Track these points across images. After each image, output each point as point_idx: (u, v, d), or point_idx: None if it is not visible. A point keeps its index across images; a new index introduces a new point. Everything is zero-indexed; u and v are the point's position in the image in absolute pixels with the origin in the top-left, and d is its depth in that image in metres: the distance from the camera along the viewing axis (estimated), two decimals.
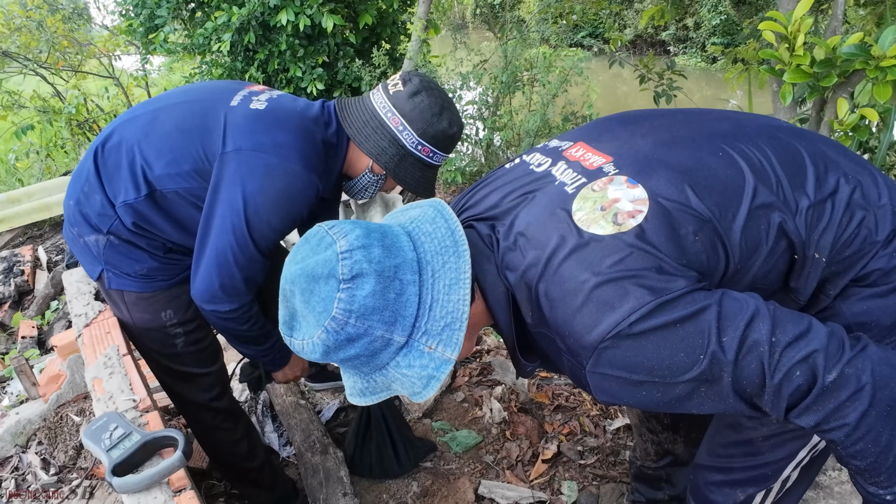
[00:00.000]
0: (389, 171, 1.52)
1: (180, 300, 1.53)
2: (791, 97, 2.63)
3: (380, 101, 1.49)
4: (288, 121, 1.41)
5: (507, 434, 2.23)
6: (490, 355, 2.65)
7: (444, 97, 1.51)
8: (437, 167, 1.59)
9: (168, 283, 1.51)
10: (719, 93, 10.80)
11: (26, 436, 1.98)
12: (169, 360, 1.60)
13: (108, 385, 1.18)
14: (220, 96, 1.46)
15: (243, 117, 1.39)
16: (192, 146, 1.37)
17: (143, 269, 1.46)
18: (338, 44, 5.00)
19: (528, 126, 4.10)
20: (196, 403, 1.69)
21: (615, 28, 7.33)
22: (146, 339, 1.56)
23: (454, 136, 1.53)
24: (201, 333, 1.63)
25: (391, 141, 1.48)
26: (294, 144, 1.38)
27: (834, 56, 2.49)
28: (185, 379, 1.65)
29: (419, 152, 1.50)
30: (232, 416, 1.76)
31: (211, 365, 1.68)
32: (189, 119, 1.40)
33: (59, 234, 4.32)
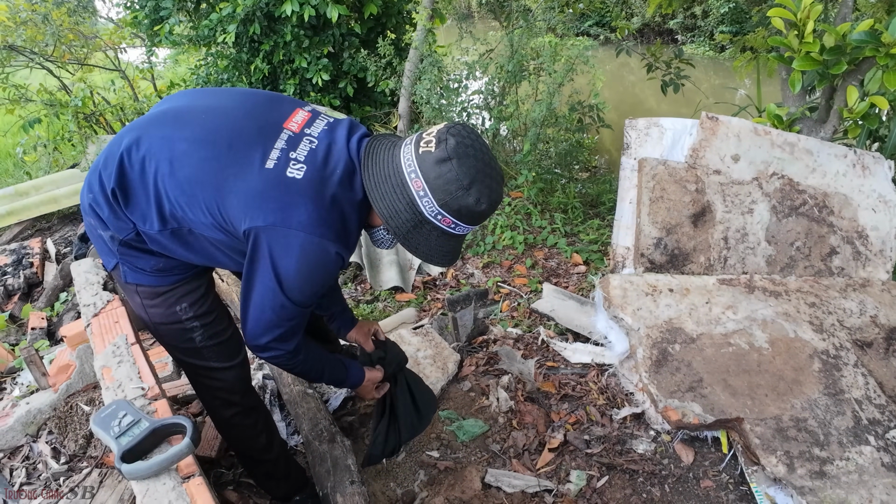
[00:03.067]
0: (399, 236, 1.37)
1: (196, 293, 1.50)
2: (800, 85, 2.62)
3: (408, 157, 1.33)
4: (323, 192, 1.32)
5: (514, 423, 2.24)
6: (497, 345, 2.65)
7: (478, 166, 1.31)
8: (462, 237, 1.44)
9: (183, 277, 1.48)
10: (727, 81, 10.71)
11: (37, 425, 2.00)
12: (188, 354, 1.56)
13: (117, 373, 1.18)
14: (253, 139, 1.34)
15: (277, 188, 1.29)
16: (210, 204, 1.30)
17: (159, 264, 1.43)
18: (343, 34, 4.99)
19: (533, 115, 4.08)
20: (217, 398, 1.68)
21: (622, 17, 7.28)
22: (164, 334, 1.52)
23: (483, 213, 1.35)
24: (220, 326, 1.58)
25: (408, 204, 1.33)
26: (326, 220, 1.31)
27: (844, 43, 2.47)
28: (205, 374, 1.61)
29: (438, 221, 1.35)
30: (252, 411, 1.75)
31: (232, 359, 1.64)
32: (209, 167, 1.31)
33: (68, 226, 4.35)
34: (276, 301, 1.34)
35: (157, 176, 1.31)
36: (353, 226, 1.39)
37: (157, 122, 1.38)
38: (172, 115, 1.39)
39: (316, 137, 1.38)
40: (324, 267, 1.34)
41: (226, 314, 1.61)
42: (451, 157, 1.28)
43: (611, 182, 4.95)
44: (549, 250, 3.80)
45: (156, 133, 1.34)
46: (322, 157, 1.35)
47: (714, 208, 2.52)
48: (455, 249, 1.45)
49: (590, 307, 2.82)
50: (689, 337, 2.22)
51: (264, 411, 1.82)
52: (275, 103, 1.44)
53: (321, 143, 1.37)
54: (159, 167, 1.30)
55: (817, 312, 2.37)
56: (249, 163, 1.29)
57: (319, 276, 1.36)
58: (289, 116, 1.40)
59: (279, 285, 1.32)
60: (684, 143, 2.56)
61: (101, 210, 1.37)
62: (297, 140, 1.36)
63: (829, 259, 2.59)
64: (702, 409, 2.01)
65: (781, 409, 2.03)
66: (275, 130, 1.36)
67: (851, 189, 2.63)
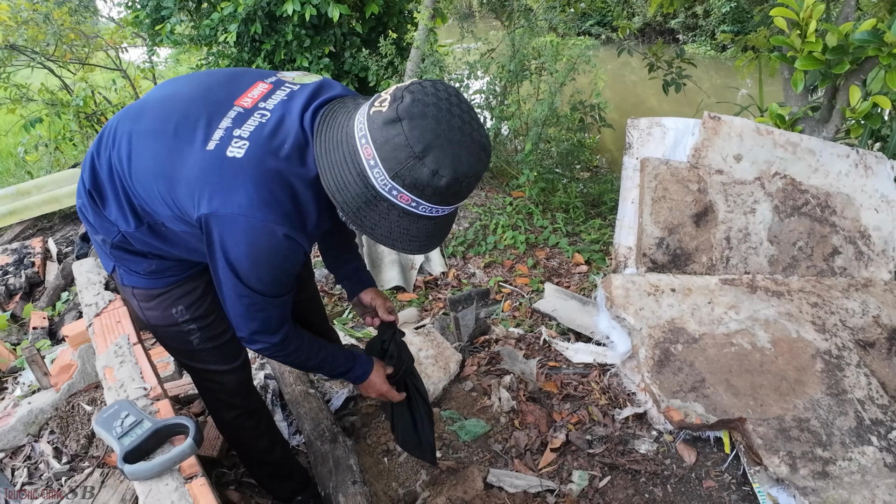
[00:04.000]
0: (348, 213, 1.15)
1: (192, 295, 1.47)
2: (803, 84, 2.61)
3: (361, 119, 1.12)
4: (266, 170, 1.16)
5: (516, 423, 2.23)
6: (498, 345, 2.65)
7: (438, 129, 1.06)
8: (436, 219, 1.18)
9: (177, 279, 1.45)
10: (729, 81, 10.70)
11: (38, 425, 1.99)
12: (187, 356, 1.54)
13: (119, 373, 1.18)
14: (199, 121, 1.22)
15: (217, 170, 1.16)
16: (165, 196, 1.22)
17: (151, 266, 1.40)
18: (344, 33, 4.99)
19: (535, 115, 4.08)
20: (219, 400, 1.67)
21: (623, 16, 7.27)
22: (162, 336, 1.50)
23: (448, 190, 1.09)
24: (218, 329, 1.53)
25: (359, 175, 1.11)
26: (269, 201, 1.15)
27: (846, 43, 2.46)
28: (205, 376, 1.60)
29: (395, 198, 1.11)
30: (254, 413, 1.73)
31: (231, 362, 1.60)
32: (159, 158, 1.22)
33: (69, 225, 4.35)
34: (238, 292, 1.26)
35: (121, 173, 1.26)
36: (310, 206, 1.21)
37: (124, 118, 1.31)
38: (136, 109, 1.32)
39: (270, 110, 1.23)
40: (275, 252, 1.20)
41: (224, 316, 1.53)
42: (400, 118, 1.05)
43: (612, 182, 4.94)
44: (550, 250, 3.79)
45: (120, 129, 1.28)
46: (270, 131, 1.20)
47: (716, 208, 2.52)
48: (427, 234, 1.20)
49: (592, 307, 2.82)
50: (692, 337, 2.22)
51: (266, 414, 1.80)
52: (233, 80, 1.32)
53: (273, 115, 1.22)
54: (121, 164, 1.26)
55: (820, 312, 2.37)
56: (191, 147, 1.19)
57: (274, 262, 1.22)
58: (244, 92, 1.27)
59: (236, 275, 1.22)
60: (686, 142, 2.56)
61: (88, 214, 1.35)
62: (246, 116, 1.22)
63: (832, 259, 2.59)
64: (704, 410, 2.00)
65: (784, 410, 2.02)
66: (223, 109, 1.23)
67: (854, 189, 2.63)
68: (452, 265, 3.64)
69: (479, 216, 4.08)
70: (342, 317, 3.07)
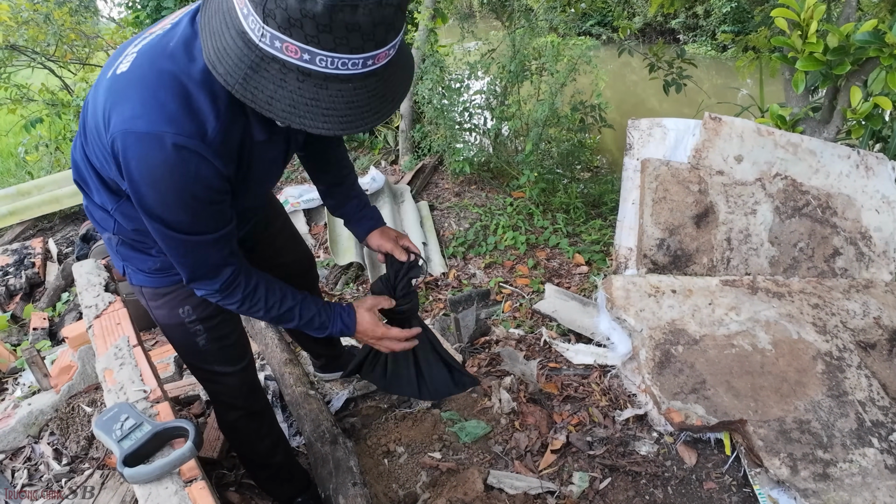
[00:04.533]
0: (235, 86, 0.93)
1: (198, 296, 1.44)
2: (804, 85, 2.61)
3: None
4: (148, 73, 1.02)
5: (516, 424, 2.23)
6: (499, 346, 2.64)
7: None
8: (346, 80, 0.92)
9: None
10: (729, 81, 10.69)
11: (38, 426, 1.99)
12: (192, 356, 1.53)
13: (119, 376, 1.18)
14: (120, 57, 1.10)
15: (108, 91, 1.05)
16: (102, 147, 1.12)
17: (157, 264, 1.37)
18: None
19: (536, 115, 4.08)
20: (221, 402, 1.66)
21: (624, 16, 7.26)
22: (170, 335, 1.49)
23: (334, 17, 0.83)
24: (225, 330, 1.52)
25: (238, 33, 0.91)
26: (153, 104, 1.00)
27: (847, 43, 2.46)
28: (208, 377, 1.59)
29: (280, 51, 0.88)
30: (256, 415, 1.72)
31: (235, 364, 1.59)
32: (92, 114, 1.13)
33: (69, 225, 4.34)
34: (155, 228, 1.12)
35: (84, 147, 1.21)
36: (205, 105, 1.02)
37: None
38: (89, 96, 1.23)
39: (171, 24, 1.11)
40: (169, 168, 1.01)
41: (232, 317, 1.55)
42: None
43: (613, 182, 4.94)
44: (551, 251, 3.79)
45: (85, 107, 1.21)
46: (157, 39, 1.07)
47: (717, 209, 2.52)
48: (347, 104, 0.94)
49: (592, 308, 2.81)
50: (692, 338, 2.21)
51: (269, 416, 1.79)
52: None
53: (169, 27, 1.09)
54: (82, 137, 1.21)
55: (820, 314, 2.37)
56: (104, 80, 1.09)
57: (172, 182, 1.03)
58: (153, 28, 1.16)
59: (143, 208, 1.08)
60: (687, 143, 2.56)
61: (89, 208, 1.35)
62: (149, 36, 1.11)
63: (833, 260, 2.58)
64: (705, 411, 2.00)
65: (785, 411, 2.02)
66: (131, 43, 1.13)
67: (855, 190, 2.62)
68: (453, 266, 3.64)
69: (479, 217, 4.09)
70: None
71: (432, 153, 4.89)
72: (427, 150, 4.83)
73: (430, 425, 2.23)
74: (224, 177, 1.09)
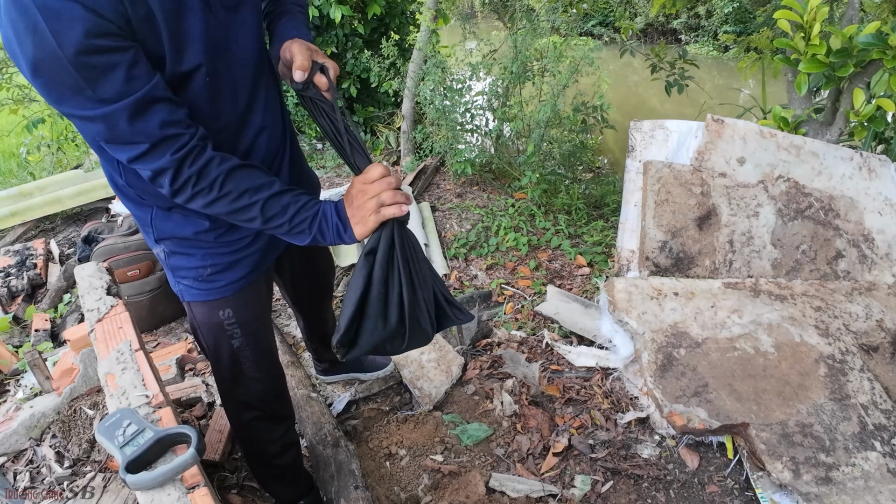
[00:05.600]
0: None
1: (239, 301, 1.45)
2: (806, 87, 2.60)
3: None
4: None
5: (518, 427, 2.23)
6: (501, 348, 2.64)
7: None
8: None
9: (229, 289, 1.42)
10: (731, 81, 10.68)
11: (40, 429, 1.99)
12: (222, 356, 1.53)
13: (121, 380, 1.18)
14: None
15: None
16: None
17: (201, 262, 1.35)
18: (346, 34, 4.99)
19: (538, 117, 4.07)
20: (239, 402, 1.66)
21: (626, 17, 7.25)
22: (204, 333, 1.49)
23: None
24: (260, 336, 1.55)
25: None
26: None
27: (850, 46, 2.45)
28: (234, 377, 1.57)
29: None
30: (272, 419, 1.72)
31: (265, 370, 1.61)
32: None
33: (71, 226, 4.35)
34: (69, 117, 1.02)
35: None
36: None
37: None
38: None
39: None
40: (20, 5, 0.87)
41: (268, 325, 1.57)
42: None
43: (615, 183, 4.94)
44: (552, 252, 3.79)
45: None
46: None
47: (719, 211, 2.51)
48: None
49: (594, 310, 2.81)
50: (695, 341, 2.21)
51: (287, 423, 1.78)
52: None
53: None
54: None
55: (823, 316, 2.36)
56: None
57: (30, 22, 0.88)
58: None
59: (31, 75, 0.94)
60: (689, 145, 2.55)
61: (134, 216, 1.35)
62: None
63: (835, 262, 2.58)
64: (707, 415, 2.00)
65: (787, 415, 2.02)
66: None
67: (857, 192, 2.62)
68: (454, 267, 3.64)
69: (481, 218, 4.08)
70: None
71: (434, 154, 4.89)
72: (429, 152, 4.83)
73: (431, 428, 2.23)
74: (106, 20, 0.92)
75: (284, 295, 1.99)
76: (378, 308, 1.23)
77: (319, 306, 2.02)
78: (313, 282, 1.88)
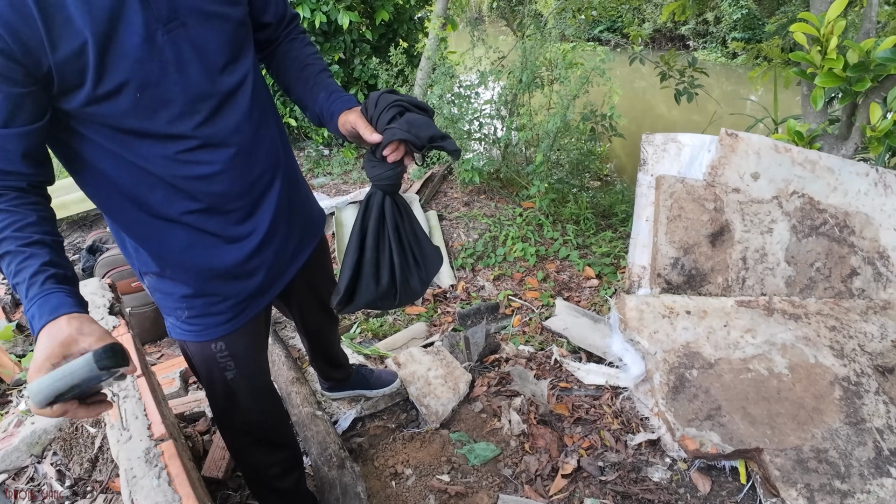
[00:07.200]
0: None
1: (233, 338, 1.40)
2: (822, 102, 2.56)
3: None
4: None
5: (526, 447, 2.19)
6: (509, 364, 2.60)
7: None
8: None
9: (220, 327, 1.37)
10: (739, 88, 10.63)
11: (42, 446, 1.96)
12: (215, 387, 1.47)
13: (122, 408, 1.15)
14: None
15: None
16: None
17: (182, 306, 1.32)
18: (354, 40, 4.96)
19: (547, 127, 4.03)
20: (236, 429, 1.61)
21: (635, 23, 7.21)
22: (198, 364, 1.45)
23: None
24: (255, 368, 1.50)
25: None
26: None
27: (868, 60, 2.41)
28: (228, 407, 1.52)
29: None
30: (271, 445, 1.67)
31: (260, 401, 1.56)
32: None
33: (77, 231, 4.33)
34: None
35: None
36: None
37: None
38: None
39: None
40: None
41: (265, 355, 1.53)
42: None
43: (623, 192, 4.90)
44: (560, 263, 3.75)
45: None
46: None
47: (733, 227, 2.47)
48: None
49: (603, 325, 2.77)
50: (707, 362, 2.17)
51: (290, 450, 1.73)
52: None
53: None
54: None
55: (838, 336, 2.32)
56: None
57: None
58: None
59: None
60: (702, 159, 2.51)
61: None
62: None
63: (850, 280, 2.53)
64: (720, 439, 1.95)
65: (802, 440, 1.97)
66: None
67: (873, 208, 2.57)
68: (461, 277, 3.60)
69: (488, 227, 4.05)
70: (350, 332, 3.03)
71: (441, 162, 4.86)
72: (436, 159, 4.79)
73: (438, 446, 2.19)
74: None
75: (290, 318, 1.95)
76: (371, 270, 1.37)
77: (327, 332, 1.99)
78: (320, 312, 1.84)
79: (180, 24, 1.06)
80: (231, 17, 1.16)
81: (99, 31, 0.96)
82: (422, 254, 1.44)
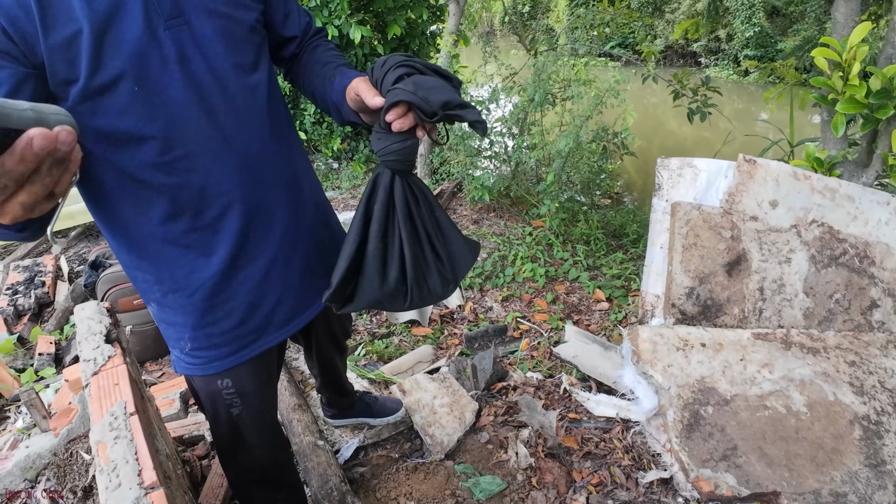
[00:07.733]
0: None
1: (239, 373, 1.34)
2: (843, 128, 2.50)
3: None
4: None
5: (534, 481, 2.12)
6: (516, 392, 2.53)
7: None
8: None
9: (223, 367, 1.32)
10: (751, 105, 10.57)
11: (36, 470, 1.91)
12: (222, 422, 1.42)
13: (113, 452, 1.09)
14: None
15: None
16: None
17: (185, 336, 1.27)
18: (366, 54, 4.93)
19: (559, 147, 3.98)
20: (240, 466, 1.55)
21: (647, 39, 7.17)
22: (203, 401, 1.40)
23: None
24: (262, 406, 1.44)
25: None
26: None
27: (891, 86, 2.34)
28: (233, 444, 1.47)
29: None
30: (274, 485, 1.61)
31: (266, 441, 1.51)
32: None
33: (83, 241, 4.30)
34: None
35: None
36: None
37: None
38: None
39: None
40: None
41: (274, 392, 1.49)
42: None
43: (634, 212, 4.83)
44: (570, 284, 3.68)
45: None
46: None
47: (750, 257, 2.40)
48: None
49: (614, 353, 2.70)
50: (723, 398, 2.09)
51: (292, 488, 1.67)
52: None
53: None
54: None
55: (857, 372, 2.24)
56: None
57: None
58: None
59: None
60: (719, 185, 2.45)
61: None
62: None
63: (870, 312, 2.45)
64: (736, 481, 1.88)
65: (821, 483, 1.89)
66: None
67: (894, 238, 2.50)
68: (469, 298, 3.54)
69: (497, 246, 3.98)
70: (354, 354, 2.97)
71: (451, 178, 4.81)
72: (445, 176, 4.75)
73: (442, 479, 2.12)
74: None
75: (300, 345, 1.90)
76: (376, 264, 1.13)
77: (336, 362, 1.95)
78: (331, 345, 1.80)
79: (184, 22, 1.02)
80: (239, 20, 1.11)
81: (97, 21, 0.94)
82: (446, 247, 1.20)
